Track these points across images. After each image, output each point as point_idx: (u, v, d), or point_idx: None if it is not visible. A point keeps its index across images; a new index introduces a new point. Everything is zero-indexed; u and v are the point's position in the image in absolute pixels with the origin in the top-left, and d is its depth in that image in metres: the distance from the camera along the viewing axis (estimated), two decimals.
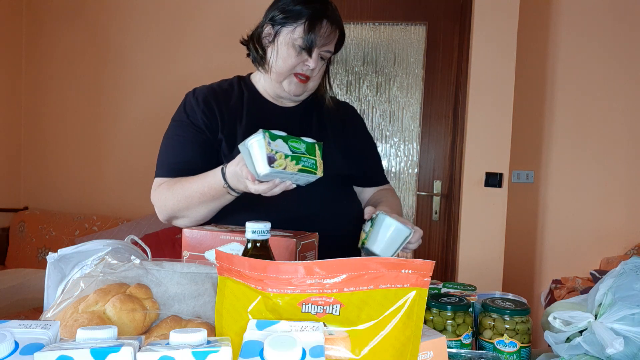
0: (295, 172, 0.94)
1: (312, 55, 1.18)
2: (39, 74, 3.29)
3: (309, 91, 1.27)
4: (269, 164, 0.91)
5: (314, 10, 1.17)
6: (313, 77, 1.23)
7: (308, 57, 1.18)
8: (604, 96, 2.89)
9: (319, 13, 1.17)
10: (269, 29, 1.23)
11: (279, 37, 1.20)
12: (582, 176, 2.92)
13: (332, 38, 1.21)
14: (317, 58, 1.19)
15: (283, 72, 1.20)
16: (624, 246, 2.84)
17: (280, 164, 0.92)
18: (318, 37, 1.16)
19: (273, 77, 1.23)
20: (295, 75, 1.21)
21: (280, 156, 0.92)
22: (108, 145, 3.23)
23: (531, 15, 2.86)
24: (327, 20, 1.18)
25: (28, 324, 0.54)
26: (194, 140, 1.20)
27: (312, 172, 0.97)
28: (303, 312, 0.59)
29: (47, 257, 0.98)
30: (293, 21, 1.18)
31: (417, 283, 0.59)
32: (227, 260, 0.63)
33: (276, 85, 1.24)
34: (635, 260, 0.84)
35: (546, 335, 0.82)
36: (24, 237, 3.04)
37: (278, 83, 1.23)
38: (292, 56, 1.18)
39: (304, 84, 1.22)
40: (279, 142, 0.94)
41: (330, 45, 1.21)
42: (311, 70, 1.20)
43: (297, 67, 1.19)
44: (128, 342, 0.51)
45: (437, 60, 2.86)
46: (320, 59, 1.21)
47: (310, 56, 1.18)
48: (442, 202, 2.87)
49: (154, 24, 3.14)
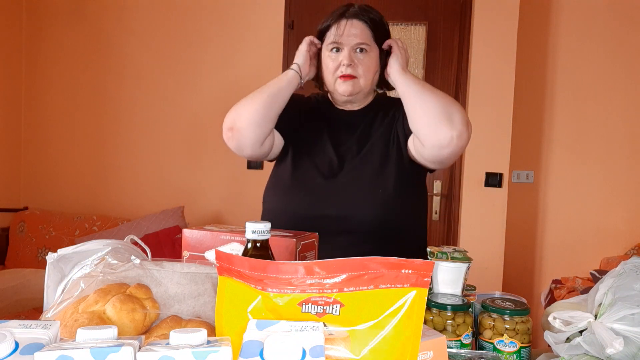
0: None
1: (343, 52, 1.27)
2: (39, 74, 3.29)
3: (363, 89, 1.31)
4: None
5: (336, 15, 1.31)
6: (358, 74, 1.28)
7: (340, 55, 1.27)
8: (604, 96, 2.89)
9: (339, 16, 1.29)
10: (314, 50, 1.35)
11: (322, 53, 1.33)
12: (582, 176, 2.92)
13: (359, 31, 1.28)
14: (348, 54, 1.26)
15: (330, 78, 1.31)
16: (624, 246, 2.84)
17: None
18: (339, 35, 1.27)
19: (329, 87, 1.34)
20: (340, 77, 1.28)
21: None
22: (108, 145, 3.23)
23: (531, 15, 2.86)
24: (348, 18, 1.28)
25: (28, 324, 0.54)
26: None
27: None
28: (303, 312, 0.59)
29: (47, 257, 0.98)
30: (324, 34, 1.32)
31: (417, 283, 0.59)
32: (227, 260, 0.63)
33: (334, 92, 1.34)
34: (635, 260, 0.84)
35: (546, 335, 0.82)
36: (24, 237, 3.04)
37: (333, 90, 1.33)
38: (330, 60, 1.29)
39: (350, 81, 1.28)
40: None
41: (359, 38, 1.27)
42: (348, 66, 1.26)
43: (339, 70, 1.28)
44: (128, 342, 0.51)
45: (437, 60, 2.86)
46: (358, 53, 1.27)
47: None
48: (442, 202, 2.87)
49: (155, 23, 3.14)
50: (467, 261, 0.96)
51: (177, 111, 3.12)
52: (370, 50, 1.29)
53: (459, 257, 0.96)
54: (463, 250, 1.00)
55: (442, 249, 1.01)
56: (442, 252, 0.98)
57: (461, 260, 0.96)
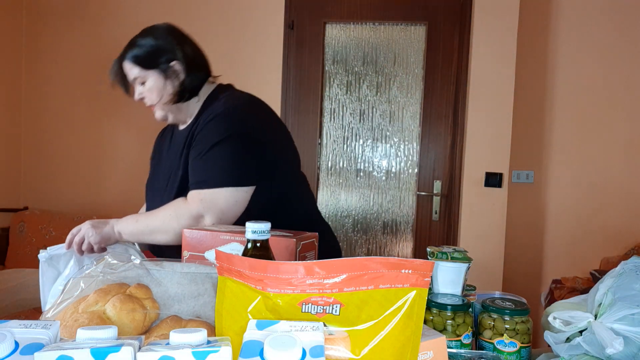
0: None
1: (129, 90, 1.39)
2: (39, 74, 3.29)
3: (161, 115, 1.39)
4: None
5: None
6: (149, 104, 1.37)
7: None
8: (603, 96, 2.89)
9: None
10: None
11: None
12: (582, 176, 2.92)
13: (120, 70, 1.38)
14: (135, 90, 1.37)
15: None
16: (624, 246, 2.84)
17: None
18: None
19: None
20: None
21: None
22: (108, 145, 3.23)
23: (531, 15, 2.86)
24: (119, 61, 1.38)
25: (28, 324, 0.54)
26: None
27: None
28: (303, 312, 0.59)
29: (39, 256, 0.98)
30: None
31: (417, 283, 0.59)
32: (227, 260, 0.63)
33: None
34: (635, 260, 0.84)
35: (546, 335, 0.82)
36: (24, 237, 3.04)
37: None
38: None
39: (152, 110, 1.38)
40: None
41: (130, 75, 1.35)
42: (141, 100, 1.37)
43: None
44: (128, 342, 0.51)
45: (437, 61, 2.86)
46: (139, 87, 1.36)
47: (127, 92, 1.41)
48: (442, 202, 2.87)
49: (156, 23, 3.13)
50: (467, 261, 0.96)
51: None
52: (146, 79, 1.34)
53: (459, 257, 0.96)
54: (463, 250, 1.00)
55: (442, 249, 1.01)
56: (442, 252, 0.98)
57: (461, 260, 0.96)
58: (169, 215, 1.20)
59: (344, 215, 2.98)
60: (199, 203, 1.17)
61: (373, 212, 2.95)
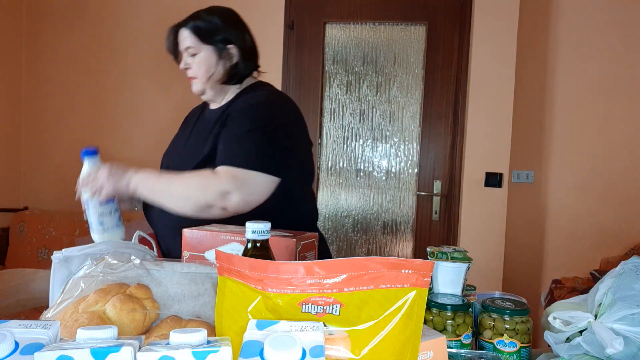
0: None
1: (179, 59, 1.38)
2: (39, 74, 3.28)
3: (200, 89, 1.38)
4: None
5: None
6: (191, 76, 1.36)
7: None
8: (603, 96, 2.89)
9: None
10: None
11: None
12: (582, 176, 2.92)
13: (174, 37, 1.37)
14: (182, 59, 1.36)
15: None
16: (624, 246, 2.84)
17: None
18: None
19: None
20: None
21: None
22: (108, 145, 3.23)
23: (531, 15, 2.86)
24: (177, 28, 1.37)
25: (28, 324, 0.54)
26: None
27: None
28: (303, 312, 0.59)
29: (52, 257, 0.98)
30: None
31: (417, 283, 0.59)
32: (227, 260, 0.63)
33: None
34: (635, 260, 0.84)
35: (546, 335, 0.82)
36: (24, 237, 3.04)
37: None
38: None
39: (191, 81, 1.38)
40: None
41: (182, 43, 1.34)
42: (185, 70, 1.37)
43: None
44: (128, 342, 0.51)
45: (437, 61, 2.86)
46: (188, 57, 1.35)
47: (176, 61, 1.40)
48: (442, 202, 2.87)
49: (155, 23, 3.13)
50: (467, 261, 0.96)
51: (177, 111, 3.12)
52: (199, 52, 1.34)
53: (459, 257, 0.96)
54: (463, 250, 1.00)
55: (442, 249, 1.01)
56: (442, 252, 0.98)
57: (461, 260, 0.96)
58: (196, 183, 1.20)
59: (344, 215, 2.98)
60: (231, 179, 1.16)
61: (373, 212, 2.95)
